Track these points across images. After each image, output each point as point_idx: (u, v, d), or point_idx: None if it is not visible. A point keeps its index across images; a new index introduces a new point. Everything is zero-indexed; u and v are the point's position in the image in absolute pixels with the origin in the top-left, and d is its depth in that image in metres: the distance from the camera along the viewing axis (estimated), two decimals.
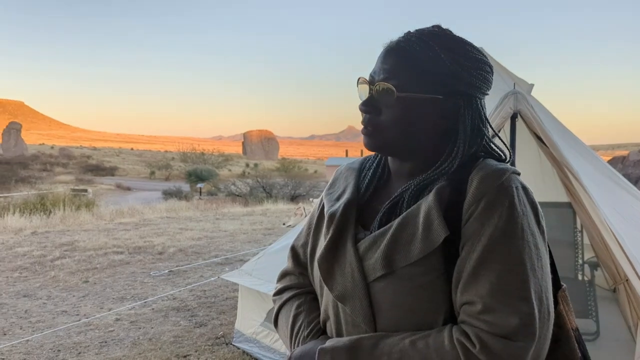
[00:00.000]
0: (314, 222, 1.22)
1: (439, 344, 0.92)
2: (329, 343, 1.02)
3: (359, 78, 1.08)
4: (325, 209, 1.15)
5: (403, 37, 1.05)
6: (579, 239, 4.86)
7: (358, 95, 1.09)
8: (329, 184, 1.25)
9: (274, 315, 1.28)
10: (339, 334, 1.06)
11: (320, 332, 1.12)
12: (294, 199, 27.62)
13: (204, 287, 6.80)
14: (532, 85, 5.09)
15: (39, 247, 9.49)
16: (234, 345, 4.68)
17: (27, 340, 4.96)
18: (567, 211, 4.72)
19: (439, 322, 0.96)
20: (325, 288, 1.09)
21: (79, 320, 5.54)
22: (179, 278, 7.37)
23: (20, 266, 8.10)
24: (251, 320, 4.57)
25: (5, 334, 5.20)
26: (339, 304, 1.05)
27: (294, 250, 1.29)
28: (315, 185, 32.30)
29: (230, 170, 71.24)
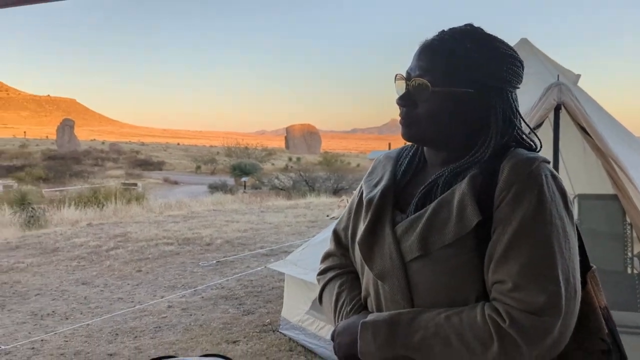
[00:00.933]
0: (354, 207, 1.32)
1: (471, 319, 1.01)
2: (370, 317, 1.12)
3: (397, 74, 1.18)
4: (364, 195, 1.25)
5: (437, 35, 1.15)
6: (628, 231, 4.77)
7: (396, 90, 1.19)
8: (368, 172, 1.35)
9: (318, 293, 1.39)
10: (379, 310, 1.16)
11: (362, 308, 1.23)
12: (336, 192, 27.73)
13: (251, 277, 7.02)
14: (579, 75, 5.02)
15: (94, 238, 9.98)
16: (280, 332, 4.85)
17: (88, 324, 5.29)
18: (614, 203, 4.64)
19: (471, 299, 1.05)
20: (366, 267, 1.19)
21: (134, 307, 5.85)
22: (226, 268, 7.63)
23: (78, 256, 8.56)
24: (297, 309, 4.73)
25: (67, 318, 5.55)
26: (379, 282, 1.15)
27: (336, 234, 1.39)
28: (358, 178, 32.22)
29: (273, 164, 71.99)
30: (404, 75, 1.16)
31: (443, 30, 1.15)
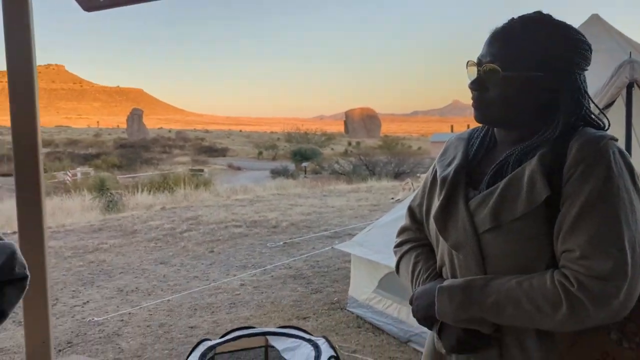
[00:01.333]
0: (428, 185, 1.43)
1: (541, 283, 1.11)
2: (446, 282, 1.24)
3: (468, 61, 1.29)
4: (438, 174, 1.37)
5: (507, 23, 1.24)
6: None
7: (467, 76, 1.29)
8: (440, 152, 1.46)
9: (395, 264, 1.52)
10: (454, 278, 1.27)
11: (437, 276, 1.35)
12: (397, 176, 27.59)
13: (317, 257, 7.25)
14: None
15: (168, 221, 10.56)
16: (348, 310, 5.04)
17: (168, 300, 5.70)
18: None
19: (540, 268, 1.15)
20: (441, 239, 1.31)
21: (209, 284, 6.22)
22: (292, 249, 7.91)
23: (155, 237, 9.12)
24: (364, 288, 4.89)
25: (149, 294, 5.99)
26: (453, 252, 1.26)
27: (410, 210, 1.51)
28: (420, 162, 31.94)
29: (332, 149, 72.30)
30: (475, 61, 1.27)
31: (513, 18, 1.24)
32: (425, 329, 4.19)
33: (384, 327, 4.54)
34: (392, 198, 13.06)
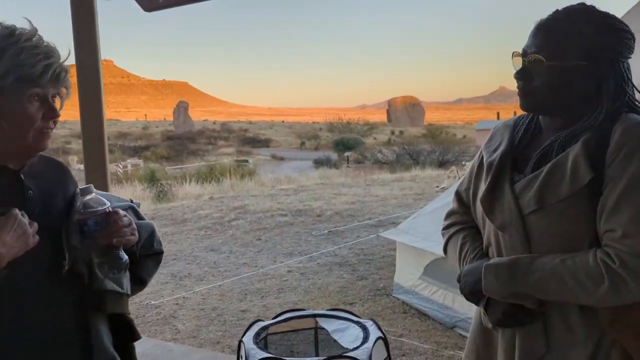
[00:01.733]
0: (475, 170, 1.51)
1: (584, 261, 1.18)
2: (492, 260, 1.32)
3: (513, 52, 1.35)
4: (485, 159, 1.44)
5: (551, 14, 1.30)
6: None
7: (513, 66, 1.36)
8: (487, 138, 1.52)
9: (443, 245, 1.60)
10: (500, 257, 1.36)
11: (483, 256, 1.42)
12: (442, 165, 27.27)
13: (361, 245, 7.36)
14: None
15: (216, 210, 10.89)
16: (394, 296, 5.14)
17: (220, 285, 5.94)
18: None
19: (584, 247, 1.21)
20: (487, 221, 1.38)
21: (258, 271, 6.43)
22: (337, 237, 8.04)
23: (204, 226, 9.44)
24: (409, 274, 4.97)
25: (202, 280, 6.26)
26: (499, 233, 1.34)
27: (458, 194, 1.59)
28: (465, 150, 31.44)
29: (375, 138, 71.94)
30: (520, 52, 1.33)
31: (557, 10, 1.30)
32: (471, 315, 4.25)
33: (429, 313, 4.61)
34: (437, 186, 13.00)
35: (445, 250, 1.61)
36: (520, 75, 1.32)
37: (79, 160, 40.39)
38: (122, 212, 1.24)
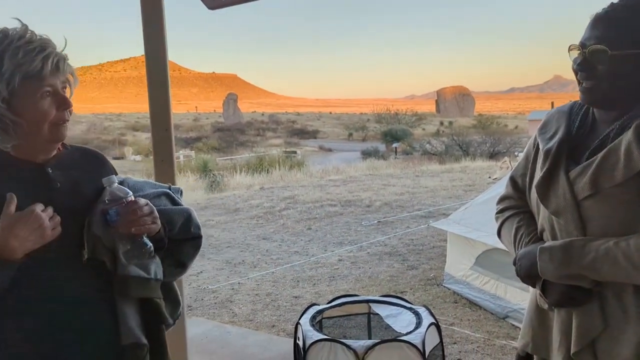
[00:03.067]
0: (531, 156, 1.55)
1: (638, 243, 1.21)
2: (547, 243, 1.36)
3: (570, 45, 1.38)
4: (541, 147, 1.48)
5: (608, 6, 1.33)
6: None
7: (570, 59, 1.39)
8: (541, 125, 1.55)
9: (497, 229, 1.64)
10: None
11: (538, 240, 1.47)
12: (492, 156, 26.66)
13: (411, 236, 7.39)
14: None
15: (267, 200, 11.13)
16: (444, 286, 5.16)
17: (273, 272, 6.12)
18: None
19: (637, 231, 1.24)
20: (542, 206, 1.43)
21: (309, 259, 6.58)
22: (387, 228, 8.09)
23: (256, 215, 9.68)
24: (461, 264, 4.98)
25: (255, 267, 6.46)
26: (554, 218, 1.39)
27: (513, 180, 1.62)
28: (517, 141, 30.57)
29: (424, 129, 70.96)
30: (577, 45, 1.36)
31: (613, 2, 1.33)
32: (523, 306, 4.29)
33: (480, 303, 4.62)
34: (489, 177, 12.84)
35: (499, 233, 1.65)
36: (582, 67, 1.35)
37: (134, 152, 41.90)
38: (142, 201, 1.27)
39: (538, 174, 1.44)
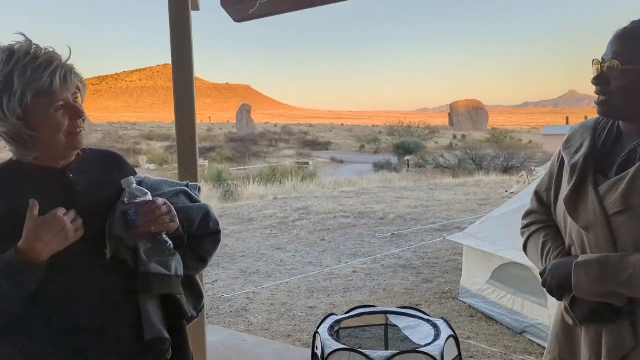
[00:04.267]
0: (555, 171, 1.57)
1: None
2: (582, 258, 1.37)
3: (593, 60, 1.41)
4: (566, 161, 1.50)
5: (630, 24, 1.36)
6: None
7: (593, 73, 1.42)
8: (565, 139, 1.57)
9: (523, 243, 1.65)
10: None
11: (567, 254, 1.48)
12: (506, 170, 26.52)
13: (426, 249, 7.37)
14: None
15: (281, 210, 11.17)
16: (460, 300, 5.14)
17: (287, 282, 6.14)
18: None
19: None
20: (570, 220, 1.43)
21: (323, 270, 6.59)
22: (401, 240, 8.08)
23: (270, 225, 9.72)
24: (476, 278, 4.96)
25: (270, 277, 6.48)
26: (583, 233, 1.40)
27: (537, 195, 1.63)
28: (531, 156, 30.41)
29: (436, 142, 70.80)
30: (599, 60, 1.39)
31: (634, 20, 1.36)
32: (541, 321, 4.26)
33: (497, 317, 4.60)
34: (506, 191, 12.83)
35: (525, 247, 1.65)
36: (597, 81, 1.38)
37: (149, 160, 42.28)
38: (160, 200, 1.31)
39: (565, 189, 1.46)
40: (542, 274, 1.50)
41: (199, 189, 1.61)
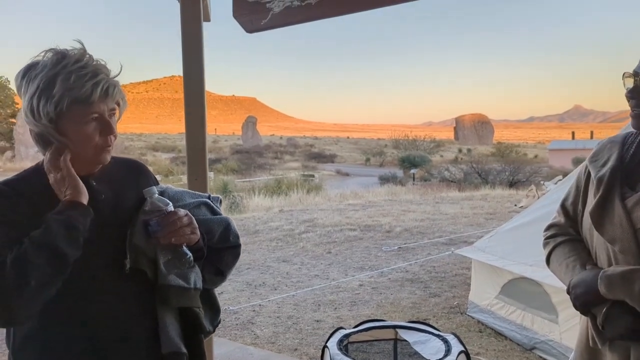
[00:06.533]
0: (582, 185, 1.54)
1: None
2: (605, 272, 1.34)
3: (624, 73, 1.39)
4: (593, 175, 1.47)
5: None
6: None
7: (624, 86, 1.40)
8: (592, 153, 1.55)
9: (546, 256, 1.62)
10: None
11: (593, 268, 1.45)
12: (512, 185, 26.41)
13: (433, 263, 7.31)
14: None
15: (287, 223, 11.13)
16: (468, 314, 5.08)
17: (293, 295, 6.09)
18: None
19: None
20: (596, 233, 1.41)
21: (330, 283, 6.54)
22: (408, 254, 8.02)
23: (276, 237, 9.68)
24: (485, 293, 4.90)
25: (276, 289, 6.44)
26: (609, 246, 1.37)
27: (564, 208, 1.61)
28: (537, 170, 30.28)
29: (442, 156, 70.75)
30: (632, 73, 1.37)
31: None
32: (551, 337, 4.18)
33: (506, 333, 4.53)
34: (515, 205, 12.80)
35: (548, 260, 1.62)
36: (633, 94, 1.36)
37: (154, 171, 42.35)
38: (182, 212, 1.30)
39: (591, 202, 1.44)
40: (568, 292, 1.46)
41: (220, 201, 1.61)
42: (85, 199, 1.22)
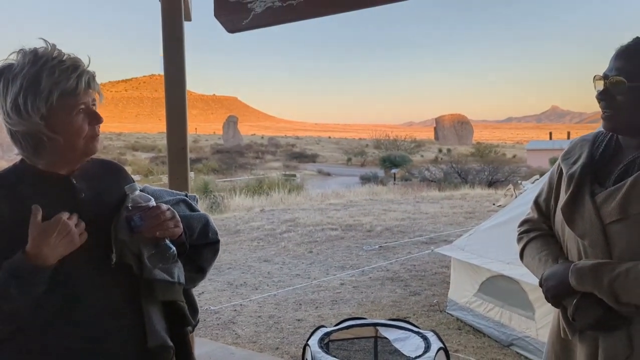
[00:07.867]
0: (555, 182, 1.59)
1: None
2: (575, 265, 1.39)
3: (595, 75, 1.44)
4: (564, 172, 1.52)
5: (632, 41, 1.39)
6: None
7: (595, 89, 1.45)
8: (564, 152, 1.60)
9: (519, 251, 1.66)
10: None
11: (564, 262, 1.50)
12: (491, 184, 26.77)
13: (413, 261, 7.38)
14: None
15: (268, 222, 11.13)
16: (447, 312, 5.15)
17: (275, 294, 6.10)
18: None
19: None
20: (567, 229, 1.46)
21: (311, 282, 6.56)
22: (388, 253, 8.09)
23: (257, 237, 9.67)
24: (464, 291, 4.98)
25: (257, 289, 6.44)
26: (579, 241, 1.42)
27: (537, 204, 1.66)
28: (515, 170, 30.74)
29: (422, 156, 71.33)
30: (602, 75, 1.42)
31: (637, 37, 1.39)
32: (528, 334, 4.28)
33: (484, 330, 4.61)
34: (494, 204, 12.98)
35: (521, 254, 1.66)
36: (602, 96, 1.41)
37: (134, 171, 41.93)
38: (164, 206, 1.31)
39: (563, 198, 1.48)
40: (540, 284, 1.52)
41: (197, 199, 1.63)
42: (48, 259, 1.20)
